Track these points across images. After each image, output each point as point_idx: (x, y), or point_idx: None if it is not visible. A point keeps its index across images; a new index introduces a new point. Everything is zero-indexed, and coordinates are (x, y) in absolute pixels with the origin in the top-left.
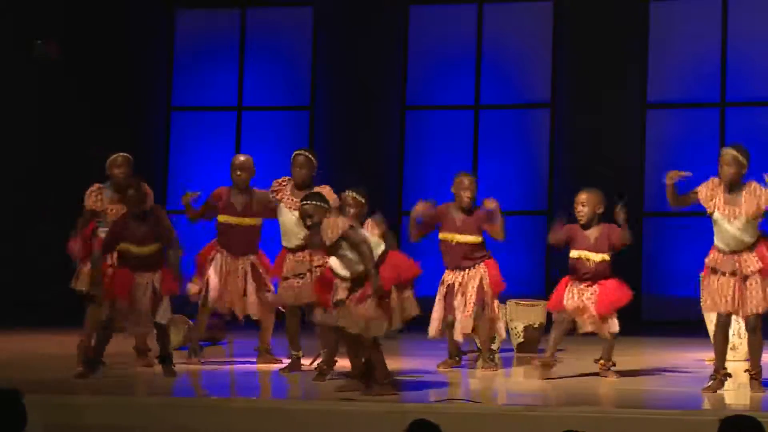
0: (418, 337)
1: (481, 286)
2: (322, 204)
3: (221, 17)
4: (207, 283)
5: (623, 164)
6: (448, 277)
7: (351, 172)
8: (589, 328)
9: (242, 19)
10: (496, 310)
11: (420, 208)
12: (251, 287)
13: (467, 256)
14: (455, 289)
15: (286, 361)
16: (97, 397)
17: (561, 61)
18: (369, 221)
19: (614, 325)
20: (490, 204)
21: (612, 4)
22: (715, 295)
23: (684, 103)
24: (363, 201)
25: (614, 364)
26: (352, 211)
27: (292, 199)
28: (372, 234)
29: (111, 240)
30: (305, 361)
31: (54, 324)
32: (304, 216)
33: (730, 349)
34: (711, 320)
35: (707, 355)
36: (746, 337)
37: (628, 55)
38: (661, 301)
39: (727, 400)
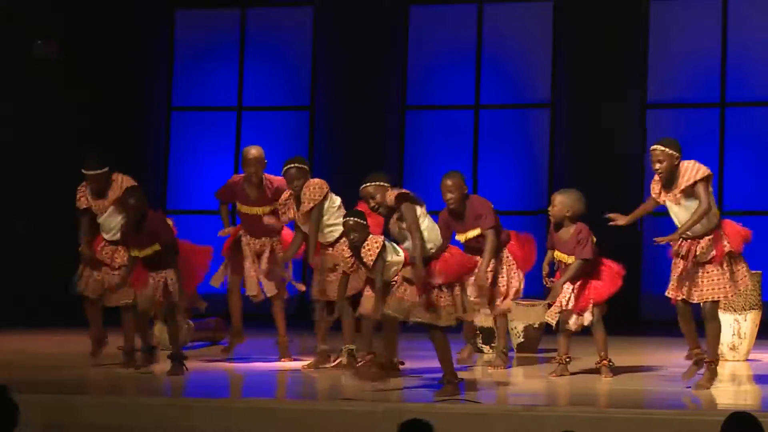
0: (419, 336)
1: (509, 275)
2: (364, 222)
3: (221, 17)
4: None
5: (623, 164)
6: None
7: (351, 171)
8: (573, 327)
9: (242, 19)
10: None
11: None
12: (265, 267)
13: (479, 249)
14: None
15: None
16: (97, 397)
17: (561, 61)
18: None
19: (586, 318)
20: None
21: (612, 4)
22: (675, 281)
23: (684, 103)
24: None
25: (611, 362)
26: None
27: (299, 216)
28: None
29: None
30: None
31: (54, 324)
32: (347, 231)
33: (730, 349)
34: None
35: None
36: (746, 336)
37: (628, 55)
38: (661, 301)
39: (727, 400)
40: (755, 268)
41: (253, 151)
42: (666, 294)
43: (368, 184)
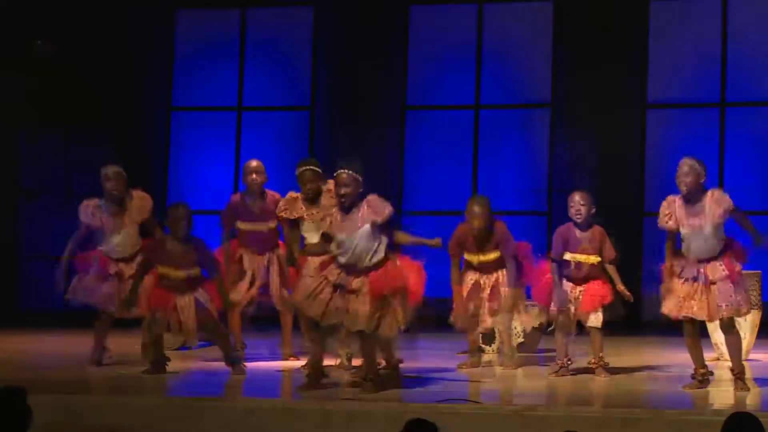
0: (419, 336)
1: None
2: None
3: (221, 17)
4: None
5: (623, 164)
6: (472, 275)
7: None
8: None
9: (242, 19)
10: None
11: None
12: (275, 282)
13: (491, 268)
14: (481, 283)
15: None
16: (98, 397)
17: (561, 61)
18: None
19: (597, 319)
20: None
21: (612, 4)
22: (680, 300)
23: (684, 103)
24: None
25: (607, 363)
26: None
27: (311, 213)
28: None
29: (147, 262)
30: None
31: (54, 324)
32: (339, 184)
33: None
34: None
35: (708, 356)
36: (746, 336)
37: (628, 55)
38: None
39: (727, 400)
40: (755, 268)
41: (254, 162)
42: (664, 312)
43: (347, 171)
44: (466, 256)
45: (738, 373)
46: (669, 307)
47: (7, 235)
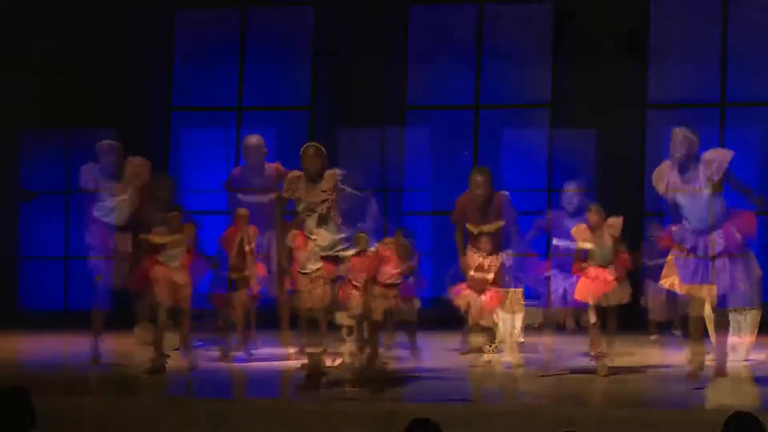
0: (419, 336)
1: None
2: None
3: (221, 17)
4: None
5: (623, 164)
6: (476, 257)
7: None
8: (571, 324)
9: (242, 19)
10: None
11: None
12: (274, 265)
13: (492, 244)
14: (485, 266)
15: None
16: (97, 397)
17: (561, 61)
18: None
19: (591, 315)
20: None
21: (612, 4)
22: (679, 274)
23: (684, 103)
24: None
25: (605, 355)
26: None
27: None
28: None
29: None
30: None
31: (54, 324)
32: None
33: (730, 349)
34: (710, 319)
35: (708, 356)
36: (744, 336)
37: (628, 55)
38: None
39: (727, 400)
40: None
41: (253, 139)
42: (665, 285)
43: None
44: (468, 227)
45: (719, 363)
46: (670, 281)
47: (6, 235)
